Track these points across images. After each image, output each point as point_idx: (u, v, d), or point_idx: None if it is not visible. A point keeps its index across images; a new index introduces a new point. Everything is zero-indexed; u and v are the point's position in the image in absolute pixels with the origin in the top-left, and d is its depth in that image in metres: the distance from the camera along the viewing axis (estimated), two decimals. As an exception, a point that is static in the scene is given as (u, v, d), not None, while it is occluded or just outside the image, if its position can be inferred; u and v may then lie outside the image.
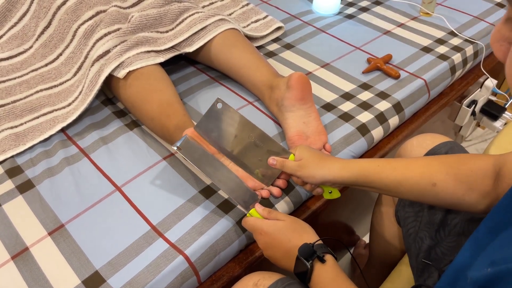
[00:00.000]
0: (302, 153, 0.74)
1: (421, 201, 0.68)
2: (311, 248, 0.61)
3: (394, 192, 0.67)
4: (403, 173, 0.66)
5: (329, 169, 0.70)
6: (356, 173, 0.69)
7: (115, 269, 0.70)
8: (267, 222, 0.68)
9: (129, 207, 0.80)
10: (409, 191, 0.65)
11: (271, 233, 0.67)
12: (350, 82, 1.08)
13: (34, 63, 1.11)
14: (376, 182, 0.67)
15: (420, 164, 0.66)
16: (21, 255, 0.72)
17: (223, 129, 0.80)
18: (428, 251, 0.71)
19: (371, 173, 0.68)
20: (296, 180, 0.77)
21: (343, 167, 0.70)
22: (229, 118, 0.80)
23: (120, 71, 0.93)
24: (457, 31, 1.25)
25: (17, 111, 0.97)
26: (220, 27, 1.04)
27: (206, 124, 0.80)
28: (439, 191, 0.63)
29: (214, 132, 0.80)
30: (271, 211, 0.71)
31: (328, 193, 0.77)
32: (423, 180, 0.64)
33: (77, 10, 1.07)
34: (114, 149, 0.91)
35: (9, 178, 0.85)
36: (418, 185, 0.64)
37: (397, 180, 0.66)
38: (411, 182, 0.65)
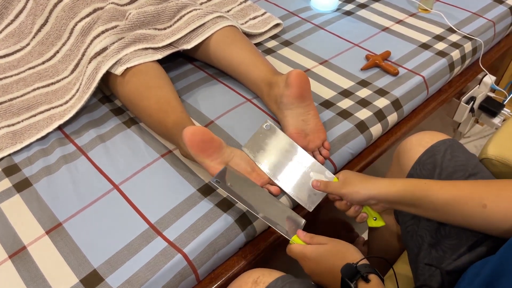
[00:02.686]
0: (346, 174, 0.73)
1: (469, 225, 0.63)
2: (354, 268, 0.60)
3: (441, 212, 0.64)
4: (451, 191, 0.63)
5: (375, 185, 0.68)
6: (403, 189, 0.66)
7: (113, 268, 0.70)
8: (309, 248, 0.67)
9: (127, 205, 0.79)
10: (457, 212, 0.62)
11: (314, 259, 0.66)
12: (349, 79, 1.08)
13: (31, 60, 1.10)
14: (422, 199, 0.64)
15: (469, 185, 0.64)
16: (18, 254, 0.72)
17: (269, 150, 0.82)
18: (428, 250, 0.71)
19: (418, 189, 0.65)
20: (339, 204, 0.75)
21: (389, 183, 0.68)
22: (276, 139, 0.82)
23: (117, 68, 0.93)
24: (456, 27, 1.25)
25: (14, 109, 0.96)
26: (218, 24, 1.04)
27: (253, 144, 0.82)
28: (489, 214, 0.60)
29: (260, 152, 0.82)
30: (313, 236, 0.69)
31: (373, 220, 0.74)
32: (472, 201, 0.61)
33: (74, 7, 1.06)
34: (112, 147, 0.91)
35: (6, 176, 0.85)
36: (467, 205, 0.61)
37: (444, 198, 0.63)
38: (460, 202, 0.62)
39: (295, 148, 0.82)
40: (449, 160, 0.74)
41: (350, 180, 0.72)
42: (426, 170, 0.77)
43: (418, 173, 0.78)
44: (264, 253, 0.81)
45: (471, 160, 0.76)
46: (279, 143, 0.82)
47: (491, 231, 0.62)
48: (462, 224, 0.64)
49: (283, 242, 0.85)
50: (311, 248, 0.67)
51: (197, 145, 0.76)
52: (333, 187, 0.74)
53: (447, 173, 0.74)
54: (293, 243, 0.70)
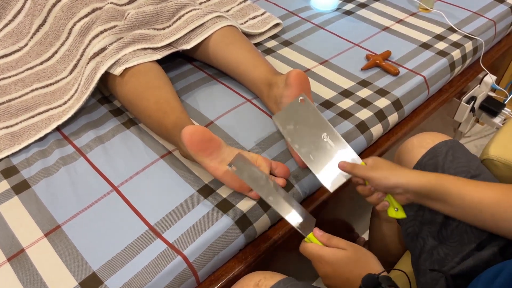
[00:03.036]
0: (376, 159, 0.71)
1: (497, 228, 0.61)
2: (375, 279, 0.57)
3: (470, 212, 0.61)
4: (486, 192, 0.60)
5: (405, 173, 0.66)
6: (434, 181, 0.63)
7: (113, 270, 0.69)
8: (327, 250, 0.64)
9: (126, 207, 0.79)
10: (488, 213, 0.60)
11: (332, 263, 0.63)
12: (349, 79, 1.07)
13: (29, 61, 1.09)
14: (454, 195, 0.62)
15: (503, 187, 0.61)
16: (17, 256, 0.72)
17: (299, 124, 0.78)
18: (431, 252, 0.70)
19: (451, 183, 0.62)
20: (362, 189, 0.72)
21: (421, 174, 0.65)
22: (308, 114, 0.79)
23: (116, 68, 0.92)
24: (456, 27, 1.25)
25: (12, 110, 0.95)
26: (217, 24, 1.03)
27: (285, 116, 0.79)
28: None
29: (290, 125, 0.78)
30: (331, 237, 0.66)
31: (394, 211, 0.71)
32: (506, 204, 0.58)
33: (73, 7, 1.05)
34: (111, 148, 0.90)
35: (5, 178, 0.84)
36: (499, 208, 0.59)
37: (478, 198, 0.60)
38: (492, 204, 0.59)
39: (326, 126, 0.78)
40: (451, 162, 0.74)
41: (379, 165, 0.69)
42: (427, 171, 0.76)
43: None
44: (264, 255, 0.81)
45: (473, 161, 0.75)
46: (311, 118, 0.79)
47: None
48: (491, 227, 0.61)
49: (283, 243, 0.84)
50: (329, 251, 0.64)
51: (196, 144, 0.75)
52: (360, 170, 0.70)
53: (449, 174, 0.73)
54: (309, 242, 0.67)
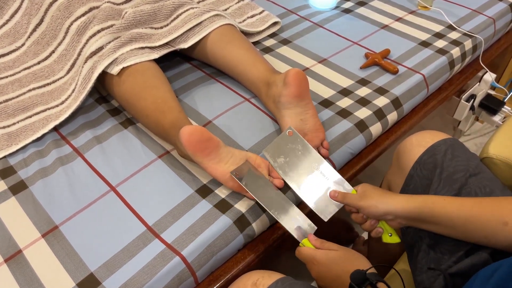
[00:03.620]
0: (365, 187, 0.73)
1: (490, 243, 0.62)
2: (363, 274, 0.60)
3: (461, 230, 0.63)
4: (472, 209, 0.62)
5: (393, 200, 0.68)
6: (421, 205, 0.66)
7: (111, 271, 0.69)
8: (320, 252, 0.68)
9: (124, 207, 0.78)
10: (478, 229, 0.61)
11: (323, 263, 0.66)
12: (348, 77, 1.07)
13: (27, 61, 1.09)
14: (442, 216, 0.64)
15: (490, 202, 0.63)
16: (14, 258, 0.71)
17: (289, 156, 0.81)
18: (427, 251, 0.70)
19: (437, 206, 0.64)
20: (356, 217, 0.74)
21: (408, 199, 0.68)
22: (297, 146, 0.81)
23: (113, 68, 0.92)
24: (456, 24, 1.24)
25: (9, 110, 0.95)
26: (215, 23, 1.03)
27: (274, 149, 0.81)
28: (510, 233, 0.59)
29: (280, 158, 0.81)
30: (323, 241, 0.70)
31: (388, 236, 0.73)
32: (493, 218, 0.60)
33: (70, 6, 1.05)
34: (109, 148, 0.90)
35: (2, 179, 0.84)
36: (489, 222, 0.60)
37: (465, 216, 0.62)
38: (480, 220, 0.61)
39: (316, 156, 0.81)
40: (450, 160, 0.74)
41: (368, 194, 0.71)
42: (426, 170, 0.76)
43: (418, 173, 0.77)
44: (263, 255, 0.80)
45: (472, 160, 0.75)
46: (300, 150, 0.81)
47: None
48: (483, 242, 0.63)
49: (282, 243, 0.84)
50: (321, 252, 0.68)
51: (194, 145, 0.75)
52: (351, 199, 0.73)
53: (447, 173, 0.73)
54: (303, 246, 0.71)
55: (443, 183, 0.73)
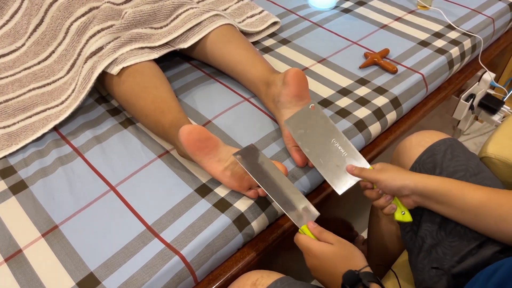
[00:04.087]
0: (383, 164, 0.73)
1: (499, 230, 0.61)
2: (356, 275, 0.59)
3: (472, 214, 0.63)
4: (487, 193, 0.62)
5: (412, 175, 0.68)
6: (439, 183, 0.66)
7: (110, 270, 0.69)
8: (316, 244, 0.66)
9: (124, 207, 0.79)
10: (490, 214, 0.61)
11: (318, 257, 0.65)
12: (347, 77, 1.07)
13: (27, 61, 1.09)
14: (457, 197, 0.64)
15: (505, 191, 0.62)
16: (14, 257, 0.71)
17: (310, 129, 0.81)
18: (429, 251, 0.70)
19: (454, 187, 0.64)
20: (370, 193, 0.73)
21: (427, 176, 0.68)
22: (318, 120, 0.81)
23: (113, 68, 0.92)
24: (455, 24, 1.24)
25: (9, 110, 0.95)
26: (215, 23, 1.03)
27: (296, 121, 0.81)
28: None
29: (301, 130, 0.81)
30: (322, 231, 0.68)
31: (401, 214, 0.72)
32: (507, 204, 0.59)
33: (70, 6, 1.05)
34: (108, 148, 0.90)
35: (2, 178, 0.84)
36: (501, 208, 0.60)
37: (479, 199, 0.62)
38: (494, 204, 0.61)
39: (336, 131, 0.81)
40: (450, 160, 0.74)
41: (386, 168, 0.71)
42: (425, 170, 0.76)
43: (418, 172, 0.77)
44: (262, 254, 0.80)
45: (472, 160, 0.75)
46: (321, 124, 0.81)
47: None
48: (492, 229, 0.62)
49: (282, 242, 0.84)
50: (317, 245, 0.66)
51: (193, 144, 0.75)
52: (368, 173, 0.73)
53: (447, 173, 0.73)
54: (302, 233, 0.69)
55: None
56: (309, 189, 0.87)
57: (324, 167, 0.79)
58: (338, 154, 0.79)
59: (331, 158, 0.79)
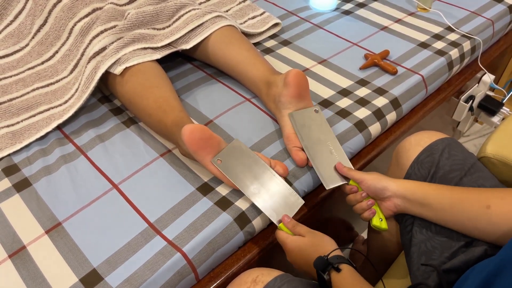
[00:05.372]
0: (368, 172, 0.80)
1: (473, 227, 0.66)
2: (325, 260, 0.64)
3: (449, 213, 0.67)
4: (460, 194, 0.67)
5: (393, 180, 0.74)
6: (417, 186, 0.72)
7: (113, 267, 0.70)
8: (290, 239, 0.71)
9: (126, 204, 0.80)
10: (463, 211, 0.66)
11: (294, 250, 0.70)
12: (347, 78, 1.08)
13: (30, 61, 1.10)
14: (433, 198, 0.69)
15: (476, 190, 0.68)
16: (18, 253, 0.72)
17: (311, 127, 0.88)
18: (418, 245, 0.72)
19: (430, 190, 0.70)
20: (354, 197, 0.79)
21: (406, 180, 0.74)
22: (319, 122, 0.89)
23: (116, 68, 0.93)
24: (455, 26, 1.25)
25: (13, 110, 0.96)
26: (217, 24, 1.04)
27: (299, 116, 0.88)
28: (493, 215, 0.63)
29: (302, 124, 0.87)
30: (295, 224, 0.73)
31: (379, 220, 0.77)
32: (477, 202, 0.64)
33: (73, 7, 1.06)
34: (111, 146, 0.91)
35: (6, 176, 0.85)
36: (472, 206, 0.65)
37: (452, 200, 0.67)
38: (466, 203, 0.66)
39: (332, 136, 0.88)
40: (447, 159, 0.75)
41: (372, 172, 0.78)
42: (424, 169, 0.77)
43: (416, 172, 0.78)
44: (263, 252, 0.81)
45: (469, 159, 0.76)
46: (321, 127, 0.89)
47: (494, 233, 0.63)
48: (468, 226, 0.66)
49: (282, 241, 0.85)
50: (291, 240, 0.71)
51: (196, 143, 0.76)
52: (355, 172, 0.80)
53: (443, 172, 0.74)
54: (280, 229, 0.74)
55: (438, 181, 0.74)
56: (309, 188, 0.87)
57: (318, 163, 0.84)
58: (331, 155, 0.86)
59: (324, 156, 0.85)
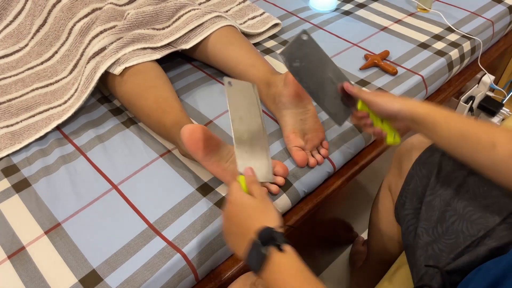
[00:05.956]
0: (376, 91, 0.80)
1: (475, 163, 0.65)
2: (272, 232, 0.56)
3: (454, 144, 0.66)
4: (469, 126, 0.65)
5: (406, 101, 0.72)
6: (428, 111, 0.69)
7: (112, 268, 0.70)
8: (240, 192, 0.63)
9: (126, 205, 0.79)
10: (468, 146, 0.64)
11: (238, 206, 0.62)
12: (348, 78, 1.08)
13: (30, 61, 1.10)
14: (442, 125, 0.67)
15: (486, 124, 0.65)
16: (17, 254, 0.72)
17: (305, 61, 0.79)
18: (425, 248, 0.71)
19: (442, 117, 0.68)
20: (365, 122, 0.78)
21: (418, 103, 0.72)
22: (311, 50, 0.80)
23: (116, 68, 0.93)
24: (454, 27, 1.25)
25: (12, 110, 0.96)
26: (216, 24, 1.04)
27: (290, 52, 0.78)
28: (497, 154, 0.61)
29: (296, 63, 0.78)
30: (253, 182, 0.66)
31: (392, 138, 0.78)
32: (485, 137, 0.62)
33: (73, 7, 1.06)
34: (111, 147, 0.91)
35: (5, 177, 0.85)
36: (478, 141, 0.63)
37: (461, 131, 0.65)
38: (472, 137, 0.63)
39: (329, 62, 0.81)
40: (449, 159, 0.74)
41: (382, 93, 0.77)
42: (426, 169, 0.77)
43: (418, 172, 0.78)
44: (263, 253, 0.81)
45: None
46: (314, 55, 0.80)
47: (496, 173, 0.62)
48: (469, 162, 0.65)
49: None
50: (240, 193, 0.63)
51: (195, 143, 0.75)
52: (365, 93, 0.77)
53: (446, 172, 0.74)
54: (236, 181, 0.66)
55: (441, 181, 0.74)
56: (309, 189, 0.87)
57: (323, 101, 0.79)
58: (334, 88, 0.80)
59: (328, 91, 0.79)
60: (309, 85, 0.78)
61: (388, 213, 0.91)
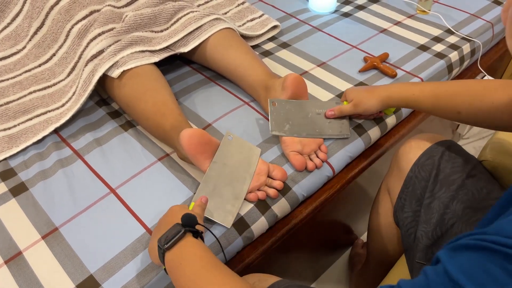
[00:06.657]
0: (351, 93, 0.88)
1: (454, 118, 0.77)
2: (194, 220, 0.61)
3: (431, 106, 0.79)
4: (435, 102, 0.78)
5: (381, 96, 0.83)
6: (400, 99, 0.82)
7: (110, 273, 0.69)
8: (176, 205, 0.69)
9: (124, 209, 0.79)
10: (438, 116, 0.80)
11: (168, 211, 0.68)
12: (347, 81, 1.08)
13: (28, 63, 1.09)
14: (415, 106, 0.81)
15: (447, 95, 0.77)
16: (14, 259, 0.72)
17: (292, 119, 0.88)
18: (424, 251, 0.71)
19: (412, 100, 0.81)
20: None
21: (389, 95, 0.83)
22: (290, 107, 0.89)
23: (114, 71, 0.92)
24: (454, 29, 1.25)
25: (10, 113, 0.95)
26: (215, 27, 1.03)
27: (276, 122, 0.87)
28: (462, 119, 0.75)
29: (285, 127, 0.87)
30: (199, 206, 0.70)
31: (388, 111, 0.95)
32: (451, 110, 0.76)
33: (71, 10, 1.06)
34: (109, 150, 0.90)
35: (2, 181, 0.84)
36: (446, 112, 0.77)
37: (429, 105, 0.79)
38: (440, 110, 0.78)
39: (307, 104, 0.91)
40: (447, 161, 0.74)
41: (357, 101, 0.86)
42: (424, 172, 0.76)
43: (417, 174, 0.77)
44: (262, 257, 0.81)
45: (470, 162, 0.75)
46: (293, 108, 0.90)
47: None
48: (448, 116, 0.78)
49: (281, 245, 0.84)
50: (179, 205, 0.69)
51: (194, 147, 0.75)
52: (346, 110, 0.88)
53: (444, 175, 0.73)
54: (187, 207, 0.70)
55: (440, 184, 0.73)
56: (308, 192, 0.87)
57: (324, 133, 0.89)
58: (319, 116, 0.90)
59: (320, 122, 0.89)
60: (306, 131, 0.87)
61: (387, 215, 0.91)
